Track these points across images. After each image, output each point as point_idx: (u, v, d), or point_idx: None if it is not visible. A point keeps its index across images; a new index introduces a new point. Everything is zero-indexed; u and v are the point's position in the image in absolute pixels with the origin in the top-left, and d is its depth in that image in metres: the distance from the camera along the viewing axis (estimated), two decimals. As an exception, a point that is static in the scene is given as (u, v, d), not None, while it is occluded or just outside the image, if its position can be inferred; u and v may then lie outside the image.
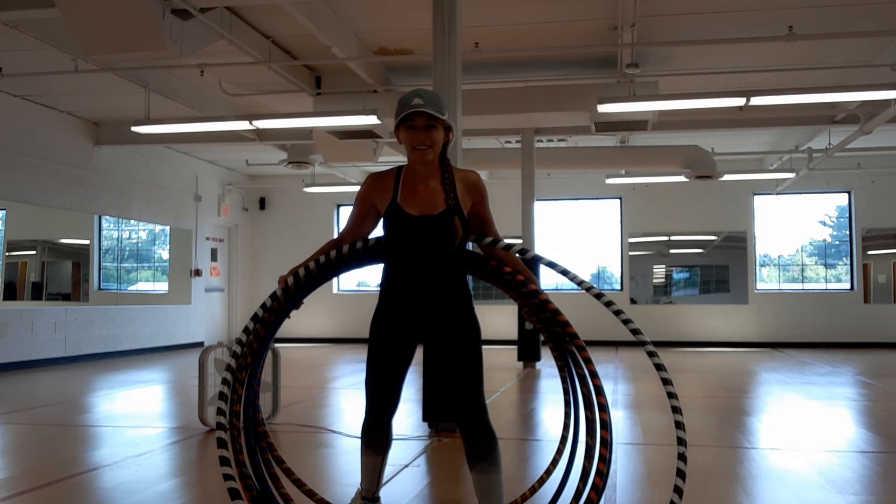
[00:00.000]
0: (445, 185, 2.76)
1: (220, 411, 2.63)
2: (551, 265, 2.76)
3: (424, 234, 2.74)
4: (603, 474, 2.58)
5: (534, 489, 3.01)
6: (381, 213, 2.80)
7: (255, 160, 13.75)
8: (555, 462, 3.22)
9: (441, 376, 2.83)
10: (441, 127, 2.73)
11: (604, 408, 2.60)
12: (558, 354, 3.03)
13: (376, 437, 2.94)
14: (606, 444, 2.59)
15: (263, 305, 2.80)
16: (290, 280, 2.79)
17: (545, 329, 2.93)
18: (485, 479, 2.75)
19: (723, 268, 14.33)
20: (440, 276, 2.78)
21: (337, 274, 3.03)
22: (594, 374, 2.61)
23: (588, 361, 2.65)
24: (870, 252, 13.93)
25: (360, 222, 2.88)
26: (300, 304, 2.91)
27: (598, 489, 2.58)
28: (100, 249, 11.89)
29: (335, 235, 3.00)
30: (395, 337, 2.84)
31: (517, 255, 2.87)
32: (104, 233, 12.13)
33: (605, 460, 2.60)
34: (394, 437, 3.05)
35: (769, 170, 12.98)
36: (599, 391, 2.61)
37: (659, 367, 2.55)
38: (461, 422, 2.78)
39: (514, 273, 2.83)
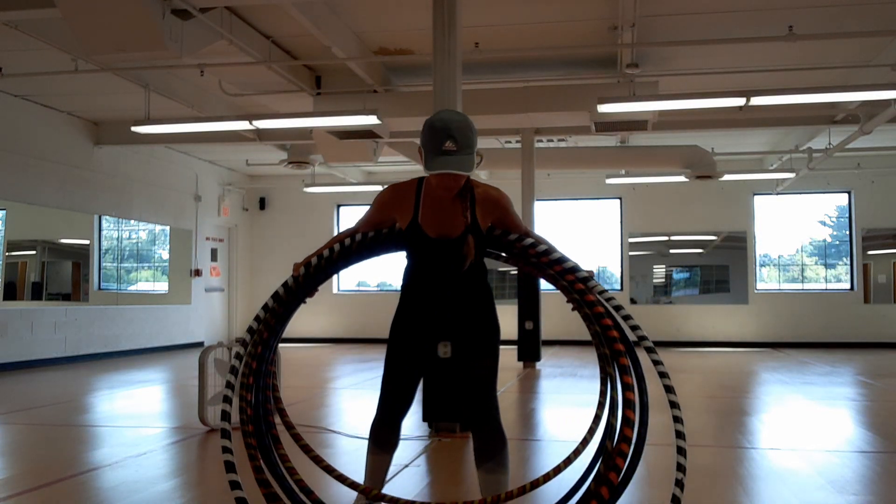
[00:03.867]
0: (464, 209, 2.72)
1: (226, 399, 2.60)
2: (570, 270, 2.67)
3: (443, 255, 2.74)
4: (614, 485, 2.44)
5: (537, 483, 2.96)
6: (402, 228, 2.80)
7: (255, 160, 13.75)
8: (568, 461, 3.12)
9: (456, 374, 2.82)
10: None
11: (629, 423, 2.45)
12: (600, 355, 2.96)
13: (385, 436, 2.93)
14: (624, 455, 2.45)
15: (276, 295, 2.78)
16: (301, 270, 2.79)
17: (588, 322, 2.80)
18: (491, 480, 2.75)
19: (723, 268, 14.33)
20: (461, 283, 2.80)
21: (352, 262, 3.00)
22: (627, 387, 2.47)
23: (625, 371, 2.49)
24: (870, 252, 13.92)
25: (375, 224, 2.90)
26: (314, 292, 2.90)
27: (604, 498, 2.43)
28: (100, 249, 11.89)
29: (335, 235, 2.96)
30: (415, 338, 2.85)
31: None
32: (104, 233, 12.12)
33: (619, 472, 2.45)
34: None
35: (769, 170, 12.97)
36: (629, 404, 2.47)
37: (659, 367, 2.49)
38: (473, 420, 2.77)
39: (543, 253, 2.73)
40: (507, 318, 12.72)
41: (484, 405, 2.77)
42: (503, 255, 2.99)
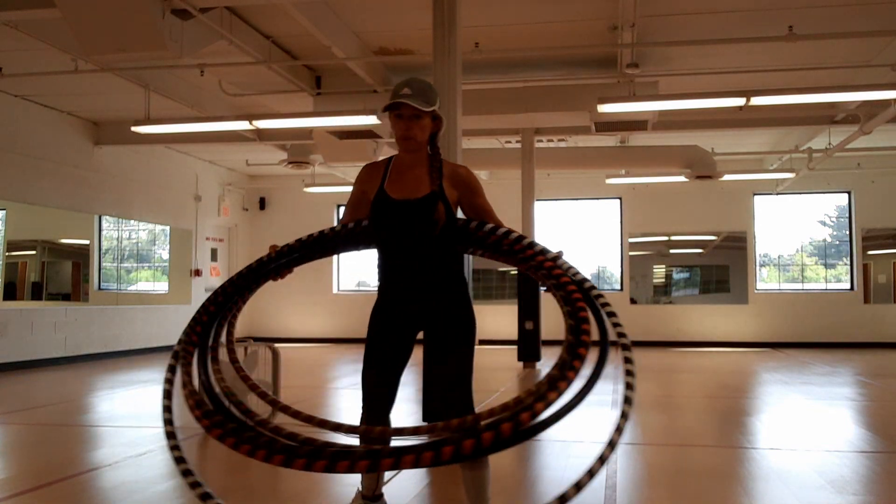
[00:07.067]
0: (432, 173, 2.76)
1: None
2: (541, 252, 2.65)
3: (406, 216, 2.73)
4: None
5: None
6: (370, 200, 2.81)
7: (255, 160, 13.75)
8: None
9: (432, 368, 2.80)
10: (428, 117, 2.73)
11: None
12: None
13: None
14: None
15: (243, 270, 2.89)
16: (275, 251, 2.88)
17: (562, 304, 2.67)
18: (471, 476, 2.72)
19: (723, 268, 14.33)
20: (429, 263, 2.76)
21: (328, 254, 3.06)
22: (584, 332, 2.40)
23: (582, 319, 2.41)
24: (870, 252, 13.92)
25: (356, 208, 2.91)
26: (286, 273, 2.95)
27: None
28: (100, 249, 11.89)
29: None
30: (390, 328, 2.85)
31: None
32: (104, 233, 12.12)
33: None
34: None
35: (769, 170, 12.97)
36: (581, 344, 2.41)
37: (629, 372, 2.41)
38: (447, 415, 2.71)
39: (516, 241, 2.69)
40: (508, 318, 12.77)
41: (459, 399, 2.74)
42: (478, 250, 2.93)
